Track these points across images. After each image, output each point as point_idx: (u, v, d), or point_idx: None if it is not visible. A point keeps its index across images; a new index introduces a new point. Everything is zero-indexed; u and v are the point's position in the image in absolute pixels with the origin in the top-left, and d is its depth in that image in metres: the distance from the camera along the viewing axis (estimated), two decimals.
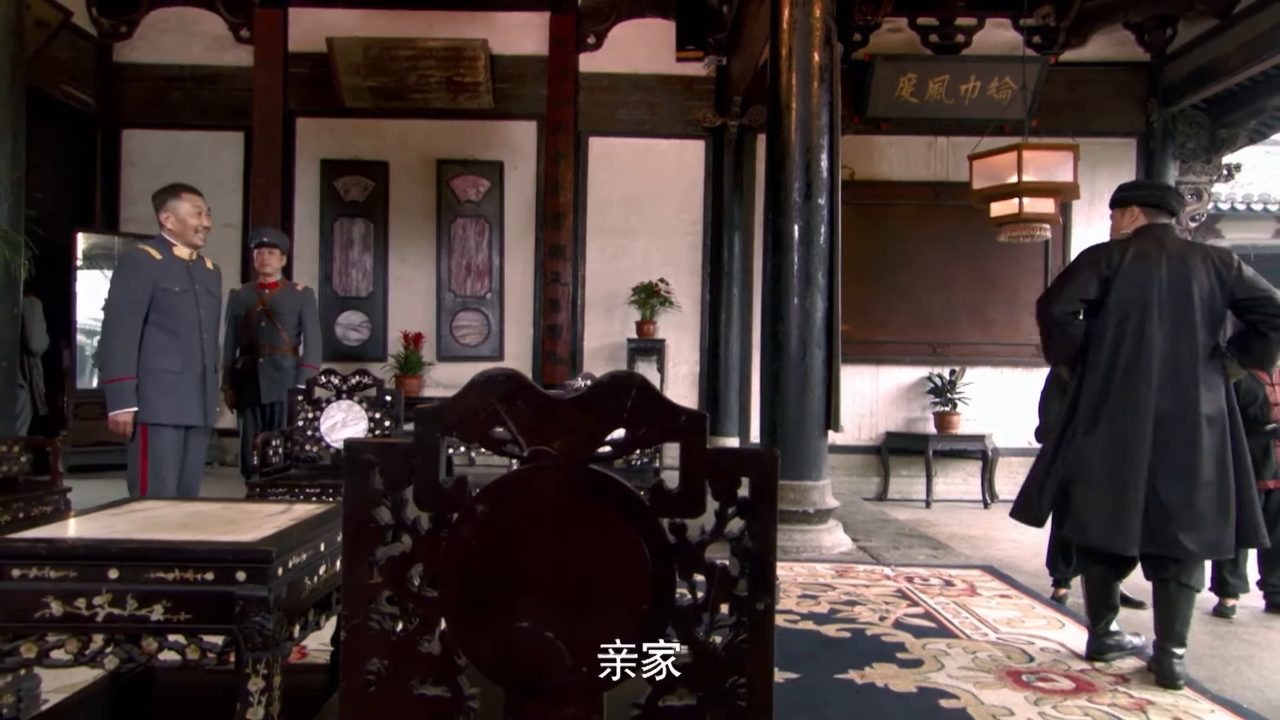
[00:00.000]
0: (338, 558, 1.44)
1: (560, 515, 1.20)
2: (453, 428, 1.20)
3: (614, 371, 1.20)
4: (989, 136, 6.11)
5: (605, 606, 1.20)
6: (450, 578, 1.20)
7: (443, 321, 7.73)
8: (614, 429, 1.21)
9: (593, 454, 1.19)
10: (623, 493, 1.19)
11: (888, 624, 3.30)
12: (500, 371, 1.21)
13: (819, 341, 4.63)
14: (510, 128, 7.72)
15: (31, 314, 6.02)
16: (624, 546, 1.19)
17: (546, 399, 1.20)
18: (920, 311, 7.60)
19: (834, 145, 4.58)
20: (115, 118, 7.56)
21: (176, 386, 3.49)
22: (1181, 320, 2.83)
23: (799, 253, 4.60)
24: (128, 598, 1.15)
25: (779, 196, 4.62)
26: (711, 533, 1.18)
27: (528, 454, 1.19)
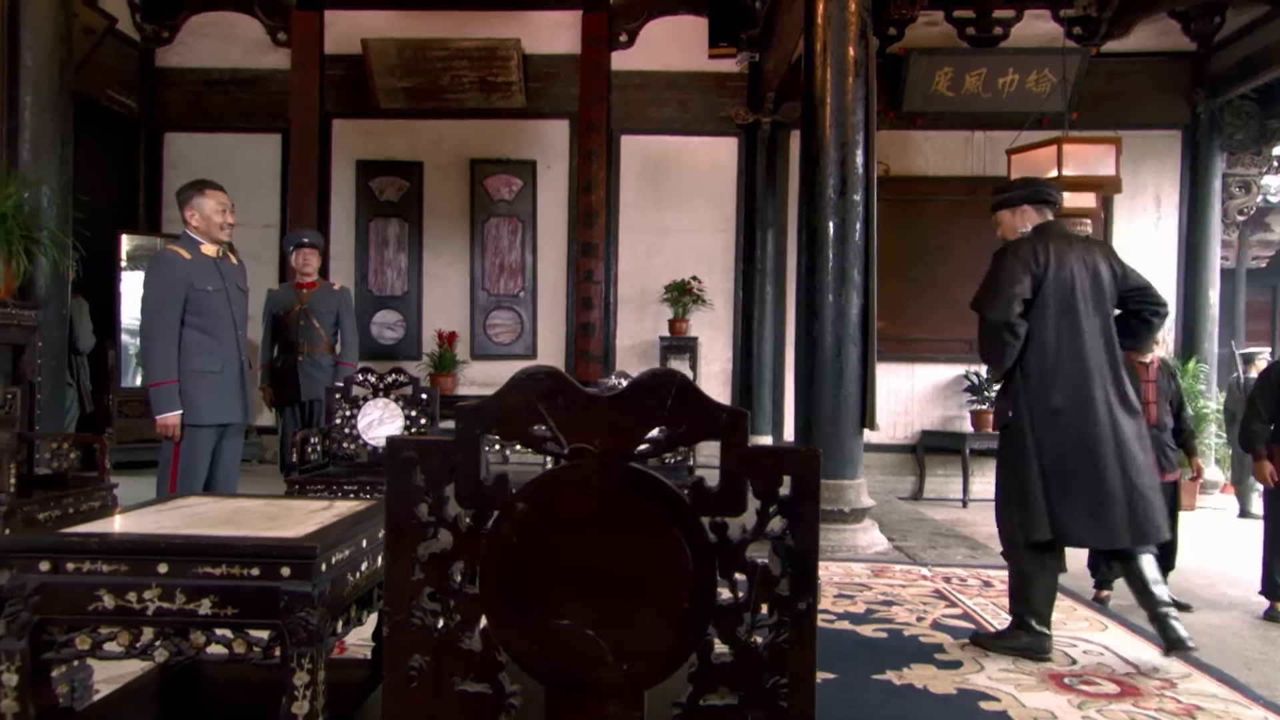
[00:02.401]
0: (379, 554, 1.46)
1: (601, 513, 1.20)
2: (493, 425, 1.21)
3: (654, 369, 1.20)
4: (1028, 130, 6.00)
5: (646, 604, 1.19)
6: (491, 575, 1.20)
7: (476, 320, 7.78)
8: (654, 427, 1.20)
9: (633, 452, 1.19)
10: (663, 491, 1.19)
11: (925, 624, 3.26)
12: (540, 369, 1.21)
13: (854, 339, 4.58)
14: (543, 127, 7.75)
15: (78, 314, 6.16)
16: (664, 545, 1.19)
17: (587, 397, 1.20)
18: (956, 308, 7.45)
19: (869, 141, 4.53)
20: (158, 121, 7.71)
21: (216, 386, 3.52)
22: (1100, 311, 2.98)
23: (834, 249, 4.55)
24: (176, 592, 1.17)
25: (814, 193, 4.58)
26: (753, 531, 1.18)
27: (568, 452, 1.19)
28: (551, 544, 1.20)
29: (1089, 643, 3.07)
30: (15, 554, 1.18)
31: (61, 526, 3.35)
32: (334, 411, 4.12)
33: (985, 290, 3.05)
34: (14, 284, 3.96)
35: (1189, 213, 7.31)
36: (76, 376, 6.35)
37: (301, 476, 3.75)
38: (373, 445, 4.08)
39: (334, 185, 7.75)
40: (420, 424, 4.10)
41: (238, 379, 3.62)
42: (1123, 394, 2.93)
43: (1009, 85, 6.88)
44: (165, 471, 3.51)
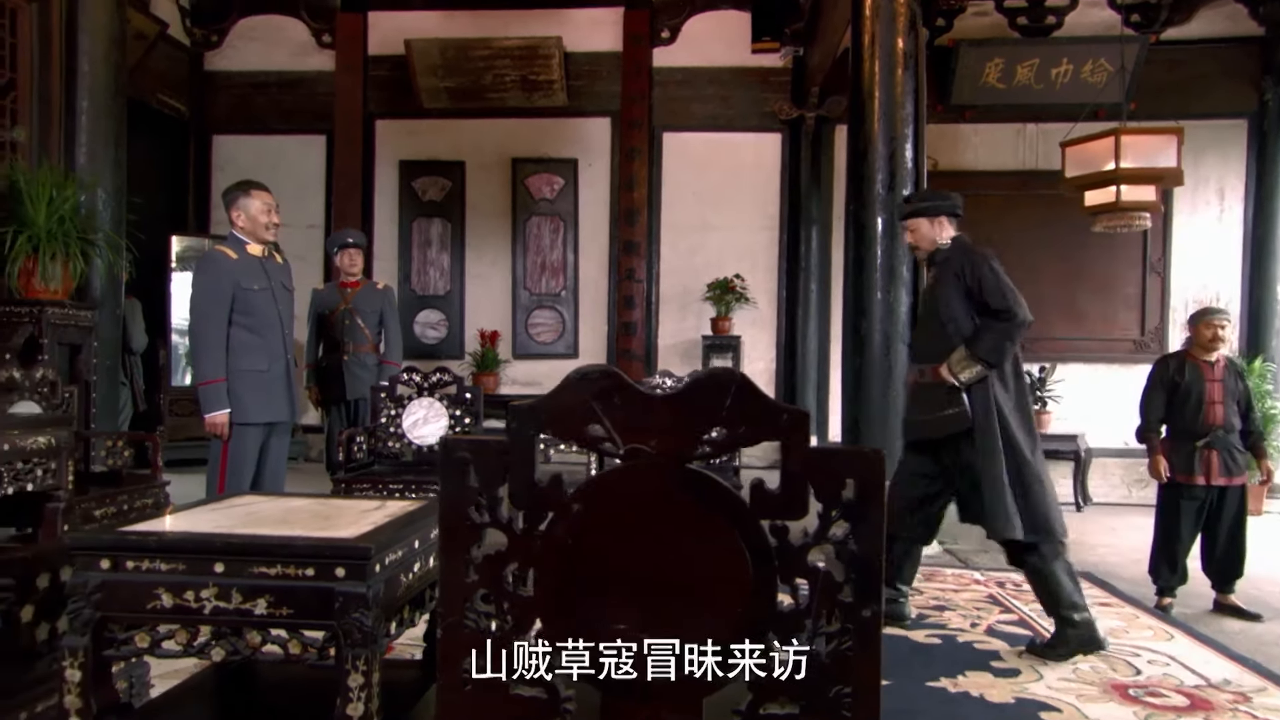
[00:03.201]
0: (431, 554, 1.45)
1: (658, 515, 1.18)
2: (548, 425, 1.19)
3: (712, 368, 1.17)
4: (1083, 122, 5.84)
5: (704, 609, 1.17)
6: (545, 577, 1.19)
7: (518, 319, 7.82)
8: (712, 427, 1.18)
9: (691, 453, 1.17)
10: (722, 493, 1.16)
11: (980, 630, 3.19)
12: (596, 368, 1.19)
13: (903, 337, 4.51)
14: (584, 125, 7.75)
15: (131, 314, 6.33)
16: (723, 548, 1.16)
17: (644, 396, 1.18)
18: None
19: (919, 135, 4.45)
20: (206, 124, 7.88)
21: (264, 385, 3.57)
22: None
23: (883, 246, 4.49)
24: (233, 591, 1.18)
25: (862, 188, 4.52)
26: (814, 535, 1.15)
27: (624, 452, 1.17)
28: (607, 546, 1.18)
29: (1154, 652, 2.98)
30: (78, 552, 1.20)
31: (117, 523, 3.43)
32: (379, 411, 4.15)
33: (1005, 292, 3.22)
34: (71, 285, 4.07)
35: (1255, 206, 7.05)
36: (130, 376, 6.52)
37: (347, 475, 3.79)
38: (418, 444, 4.11)
39: (377, 186, 7.85)
40: (465, 423, 4.12)
41: (284, 377, 3.66)
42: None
43: (1063, 76, 6.70)
44: (214, 469, 3.57)
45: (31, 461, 2.62)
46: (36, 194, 3.81)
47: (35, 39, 4.36)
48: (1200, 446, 3.83)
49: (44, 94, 4.39)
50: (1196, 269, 7.18)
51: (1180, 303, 7.16)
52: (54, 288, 3.94)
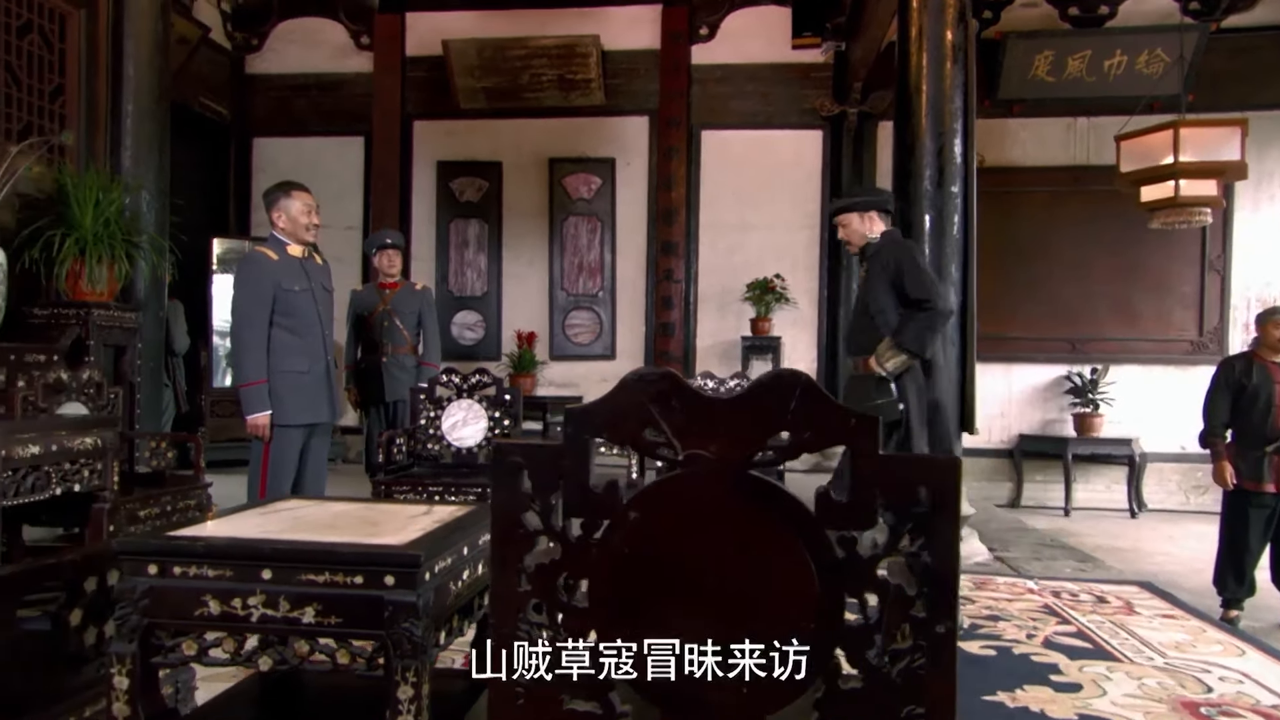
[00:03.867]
0: (480, 561, 1.42)
1: (718, 524, 1.13)
2: (603, 429, 1.16)
3: (776, 369, 1.13)
4: (1138, 115, 5.68)
5: (767, 623, 1.12)
6: (601, 587, 1.15)
7: (555, 320, 7.81)
8: (775, 432, 1.13)
9: (753, 458, 1.12)
10: (786, 501, 1.12)
11: (1037, 642, 3.09)
12: (653, 370, 1.15)
13: (952, 338, 4.41)
14: (622, 124, 7.73)
15: (174, 316, 6.42)
16: (787, 559, 1.12)
17: (703, 399, 1.14)
18: (1056, 305, 7.17)
19: (968, 129, 4.35)
20: (247, 127, 7.99)
21: (304, 386, 3.58)
22: None
23: (930, 244, 4.39)
24: (280, 599, 1.16)
25: (908, 185, 4.43)
26: (884, 547, 1.10)
27: (683, 458, 1.13)
28: (665, 556, 1.14)
29: (1225, 669, 2.86)
30: (125, 556, 1.19)
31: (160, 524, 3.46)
32: (418, 412, 4.16)
33: (927, 283, 3.35)
34: (116, 287, 4.12)
35: None
36: (172, 377, 6.62)
37: (387, 477, 3.79)
38: (457, 446, 4.11)
39: (415, 187, 7.90)
40: (504, 425, 4.11)
41: (324, 378, 3.67)
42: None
43: (1116, 67, 6.53)
44: (255, 471, 3.59)
45: (79, 462, 2.66)
46: (83, 197, 3.87)
47: (83, 44, 4.44)
48: (1270, 452, 3.69)
49: (91, 98, 4.46)
50: (1259, 266, 6.95)
51: (1241, 301, 6.94)
52: (100, 290, 4.00)
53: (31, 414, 3.25)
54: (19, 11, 4.13)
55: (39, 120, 4.22)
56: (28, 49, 4.18)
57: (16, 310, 3.81)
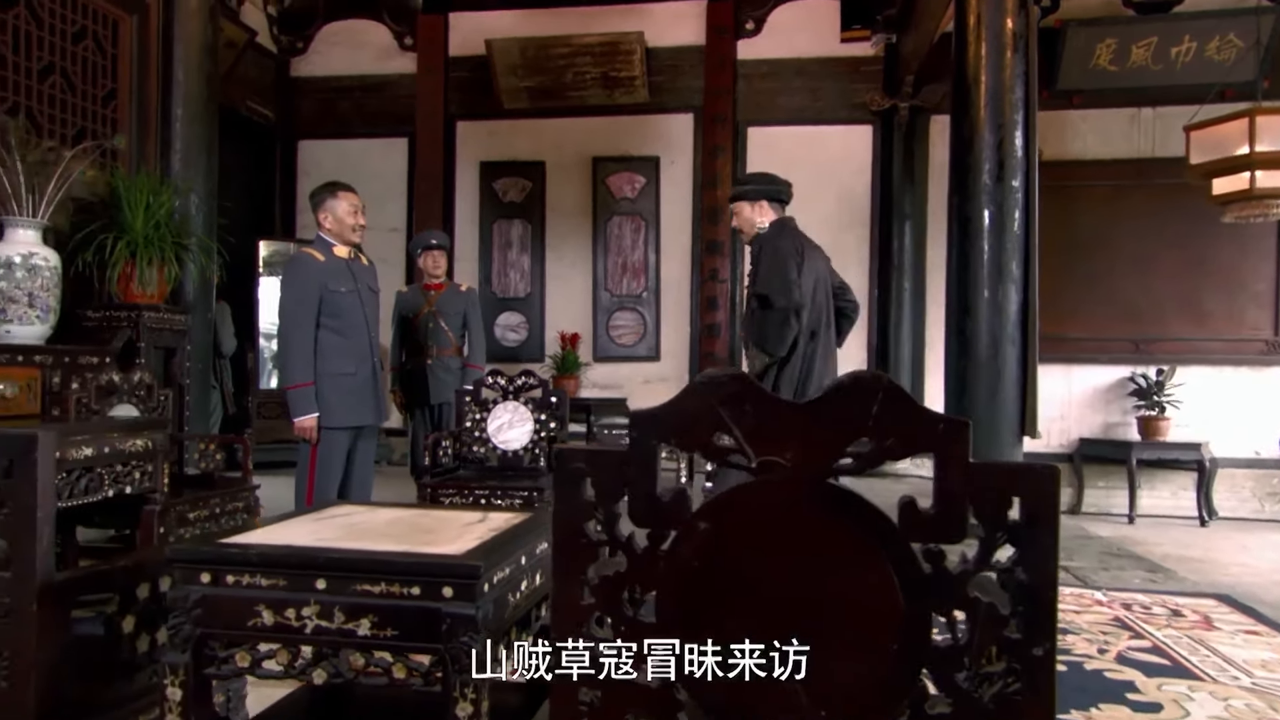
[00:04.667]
0: (538, 571, 1.38)
1: (794, 535, 1.08)
2: (671, 434, 1.11)
3: (856, 371, 1.07)
4: (1209, 104, 5.47)
5: (846, 642, 1.07)
6: (669, 601, 1.10)
7: (599, 321, 7.78)
8: (856, 437, 1.07)
9: (831, 466, 1.07)
10: (868, 512, 1.06)
11: (1109, 658, 2.97)
12: (724, 373, 1.10)
13: (1012, 338, 4.30)
14: (666, 121, 7.68)
15: (221, 318, 6.53)
16: (869, 574, 1.05)
17: (778, 403, 1.08)
18: (1119, 303, 6.95)
19: (1029, 121, 4.23)
20: (292, 129, 8.10)
21: (351, 388, 3.59)
22: (831, 308, 3.45)
23: (989, 241, 4.28)
24: (335, 610, 1.13)
25: (966, 179, 4.32)
26: (975, 562, 1.03)
27: (756, 465, 1.08)
28: (737, 569, 1.09)
29: None
30: (178, 564, 1.17)
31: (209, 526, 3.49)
32: (464, 415, 4.15)
33: (769, 278, 3.29)
34: (166, 289, 4.19)
35: None
36: (220, 379, 6.73)
37: (433, 480, 3.79)
38: (503, 449, 4.09)
39: (458, 187, 7.93)
40: (550, 428, 4.08)
41: (371, 380, 3.68)
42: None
43: (1184, 54, 6.30)
44: (303, 473, 3.61)
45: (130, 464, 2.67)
46: (134, 200, 3.94)
47: (134, 49, 4.52)
48: None
49: (142, 102, 4.54)
50: None
51: None
52: (150, 292, 4.07)
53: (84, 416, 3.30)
54: (74, 18, 4.22)
55: (92, 125, 4.30)
56: (82, 54, 4.27)
57: (71, 312, 3.89)
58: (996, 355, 4.25)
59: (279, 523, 1.40)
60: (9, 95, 3.89)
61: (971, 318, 4.30)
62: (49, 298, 3.55)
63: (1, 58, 3.87)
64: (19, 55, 3.95)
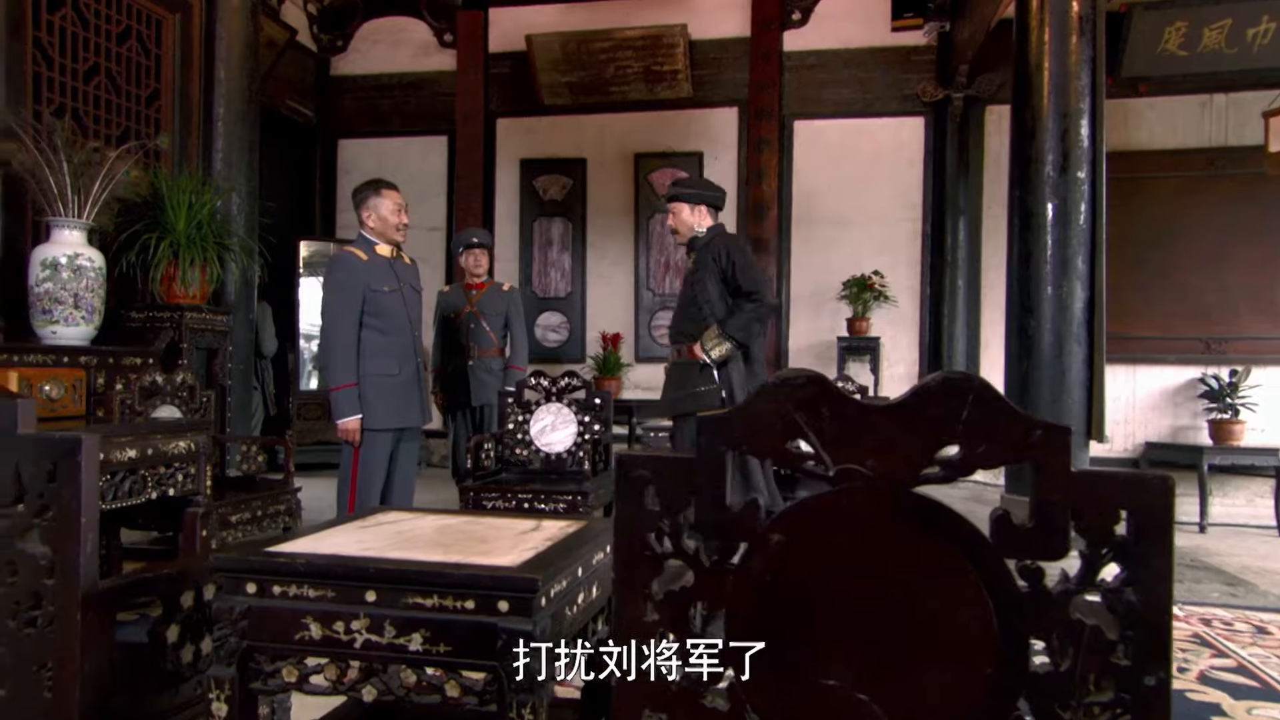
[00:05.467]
0: (594, 584, 1.33)
1: (877, 549, 1.01)
2: (742, 440, 1.05)
3: (946, 372, 1.00)
4: None
5: (935, 667, 1.00)
6: (739, 620, 1.05)
7: (641, 321, 7.74)
8: (944, 444, 1.01)
9: (917, 475, 1.00)
10: (957, 525, 0.99)
11: (1190, 677, 2.84)
12: (800, 373, 1.04)
13: (1078, 337, 4.16)
14: (710, 116, 7.61)
15: (263, 319, 6.61)
16: (959, 592, 0.99)
17: (859, 407, 1.02)
18: (1188, 300, 6.72)
19: (1096, 109, 4.09)
20: (331, 129, 8.18)
21: (394, 389, 3.58)
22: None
23: (1053, 235, 4.15)
24: (385, 624, 1.09)
25: (1028, 171, 4.20)
26: (1078, 580, 0.96)
27: (834, 474, 1.01)
28: (814, 585, 1.03)
29: None
30: (223, 573, 1.14)
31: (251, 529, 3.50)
32: (506, 416, 4.13)
33: (757, 276, 3.51)
34: (208, 289, 4.23)
35: None
36: (261, 380, 6.81)
37: (476, 483, 3.77)
38: (545, 451, 4.06)
39: (498, 186, 7.95)
40: (594, 430, 4.04)
41: (414, 381, 3.67)
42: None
43: (1262, 36, 6.06)
44: (345, 476, 3.60)
45: (173, 466, 2.69)
46: (177, 200, 3.98)
47: (177, 49, 4.58)
48: None
49: (185, 102, 4.60)
50: None
51: None
52: (192, 292, 4.11)
53: (128, 417, 3.34)
54: (118, 18, 4.28)
55: (136, 125, 4.37)
56: (127, 55, 4.33)
57: (115, 313, 3.95)
58: (1061, 355, 4.11)
59: (324, 530, 1.37)
60: (55, 97, 3.96)
61: (1034, 316, 4.17)
62: (94, 298, 3.60)
63: (49, 59, 3.94)
64: (65, 57, 4.02)
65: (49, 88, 3.93)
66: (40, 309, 3.50)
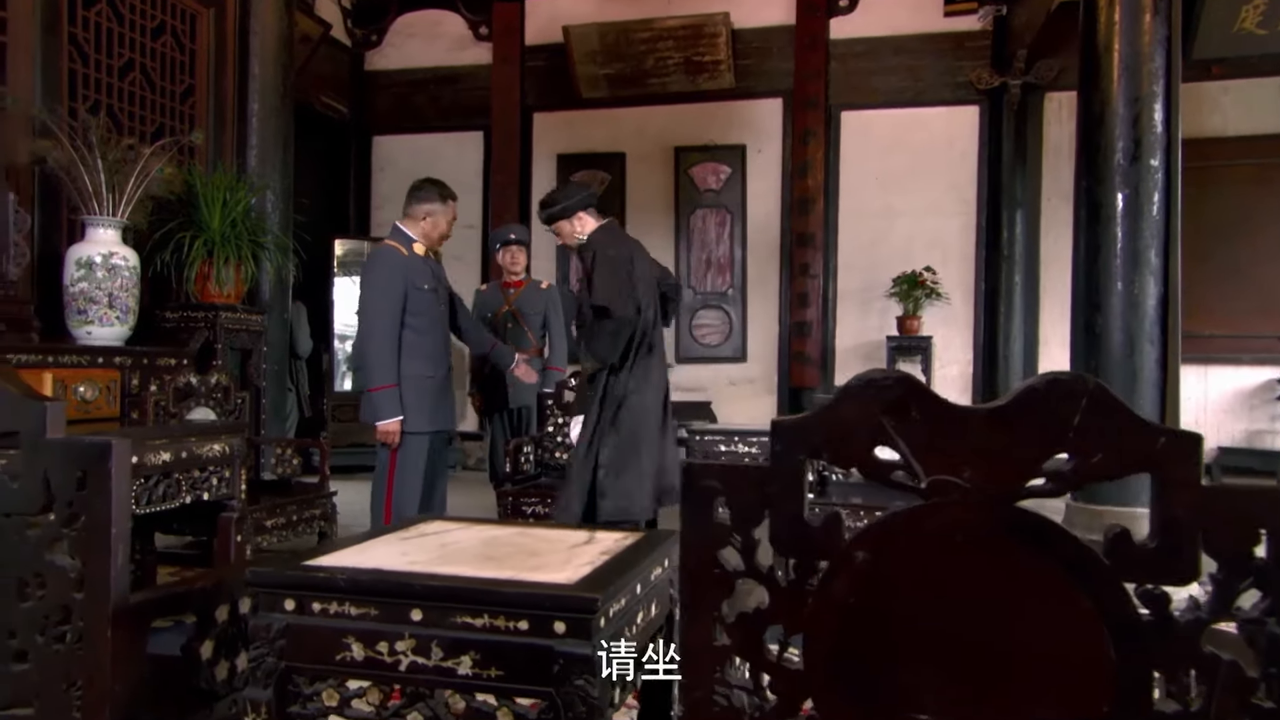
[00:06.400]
0: (653, 601, 1.27)
1: (974, 570, 0.93)
2: (822, 447, 0.97)
3: (1053, 373, 0.92)
4: None
5: (1041, 703, 0.92)
6: (819, 645, 0.97)
7: (682, 320, 7.66)
8: (1052, 453, 0.92)
9: (1021, 488, 0.92)
10: (1068, 544, 0.91)
11: None
12: (888, 373, 0.96)
13: (1150, 335, 4.01)
14: (753, 108, 7.51)
15: (297, 319, 6.64)
16: (1069, 619, 0.90)
17: (954, 410, 0.94)
18: (1265, 297, 6.48)
19: (1171, 93, 3.94)
20: (366, 125, 8.22)
21: (431, 391, 3.54)
22: (658, 306, 3.58)
23: (1123, 227, 4.00)
24: (432, 645, 1.04)
25: (1096, 159, 4.05)
26: (1210, 608, 0.87)
27: (926, 485, 0.94)
28: (903, 608, 0.95)
29: None
30: (260, 589, 1.09)
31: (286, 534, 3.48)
32: (545, 419, 4.08)
33: (608, 290, 3.33)
34: (242, 289, 4.24)
35: None
36: (296, 381, 6.85)
37: (515, 488, 3.72)
38: None
39: (534, 182, 7.91)
40: None
41: (447, 384, 3.64)
42: (666, 379, 3.62)
43: None
44: (381, 479, 3.56)
45: (207, 470, 2.68)
46: (211, 197, 3.99)
47: (211, 44, 4.60)
48: None
49: (219, 98, 4.62)
50: None
51: None
52: (227, 291, 4.12)
53: (162, 419, 3.34)
54: (153, 13, 4.31)
55: (170, 121, 4.39)
56: (162, 50, 4.36)
57: (149, 312, 3.96)
58: (1132, 355, 3.97)
59: (364, 542, 1.32)
60: (90, 93, 3.99)
61: (1102, 313, 4.03)
62: (128, 298, 3.62)
63: (84, 55, 3.97)
64: (100, 53, 4.05)
65: (84, 84, 3.96)
66: (75, 309, 3.52)
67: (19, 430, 1.14)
